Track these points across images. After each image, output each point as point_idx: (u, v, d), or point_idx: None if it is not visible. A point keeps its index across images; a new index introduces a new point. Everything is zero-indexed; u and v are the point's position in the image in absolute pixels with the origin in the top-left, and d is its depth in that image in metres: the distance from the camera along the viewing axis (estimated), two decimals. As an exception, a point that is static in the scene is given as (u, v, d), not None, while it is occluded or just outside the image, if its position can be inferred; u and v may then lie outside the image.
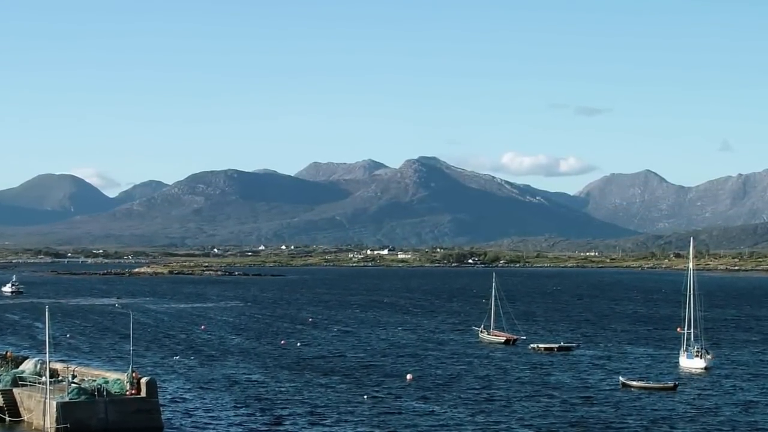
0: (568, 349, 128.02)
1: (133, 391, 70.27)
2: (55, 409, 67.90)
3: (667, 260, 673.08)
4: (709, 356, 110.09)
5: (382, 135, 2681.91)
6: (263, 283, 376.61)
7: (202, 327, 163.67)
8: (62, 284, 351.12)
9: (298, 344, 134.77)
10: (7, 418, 73.90)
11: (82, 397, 68.68)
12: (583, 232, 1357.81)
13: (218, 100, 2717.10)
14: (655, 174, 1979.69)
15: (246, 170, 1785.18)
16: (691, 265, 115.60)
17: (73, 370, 78.13)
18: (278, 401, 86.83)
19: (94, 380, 72.68)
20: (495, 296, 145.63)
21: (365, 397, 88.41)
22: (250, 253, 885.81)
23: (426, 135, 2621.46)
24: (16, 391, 74.80)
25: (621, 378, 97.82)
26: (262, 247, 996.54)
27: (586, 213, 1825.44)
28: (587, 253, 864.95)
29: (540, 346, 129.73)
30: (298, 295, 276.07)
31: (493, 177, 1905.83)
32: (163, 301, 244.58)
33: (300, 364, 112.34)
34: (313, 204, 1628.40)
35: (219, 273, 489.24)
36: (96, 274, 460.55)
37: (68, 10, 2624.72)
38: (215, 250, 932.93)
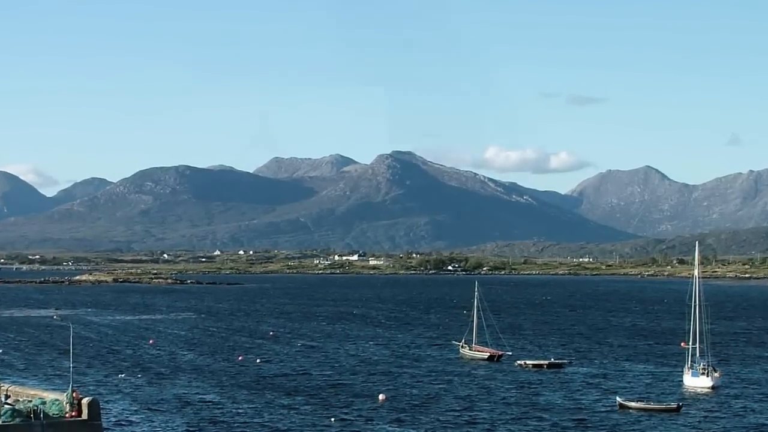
0: (559, 366, 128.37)
1: (73, 413, 69.96)
2: (-15, 434, 67.68)
3: (669, 267, 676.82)
4: (716, 374, 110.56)
5: (351, 127, 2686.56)
6: (219, 292, 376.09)
7: (151, 341, 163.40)
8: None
9: (258, 360, 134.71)
10: (-67, 443, 73.66)
11: (17, 420, 68.34)
12: (576, 236, 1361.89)
13: (169, 89, 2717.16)
14: (656, 171, 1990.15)
15: (199, 166, 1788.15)
16: (696, 273, 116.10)
17: (7, 390, 77.77)
18: (235, 424, 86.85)
19: (30, 401, 72.37)
20: (477, 307, 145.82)
21: (332, 419, 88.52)
22: (204, 259, 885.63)
23: (400, 127, 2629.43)
24: (-58, 413, 74.52)
25: (618, 398, 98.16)
26: (217, 253, 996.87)
27: (579, 214, 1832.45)
28: (580, 259, 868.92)
29: (528, 362, 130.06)
30: (258, 306, 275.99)
31: (476, 174, 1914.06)
32: (106, 312, 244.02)
33: (260, 383, 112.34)
34: (275, 204, 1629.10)
35: (169, 281, 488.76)
36: (32, 282, 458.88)
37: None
38: (165, 255, 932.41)
